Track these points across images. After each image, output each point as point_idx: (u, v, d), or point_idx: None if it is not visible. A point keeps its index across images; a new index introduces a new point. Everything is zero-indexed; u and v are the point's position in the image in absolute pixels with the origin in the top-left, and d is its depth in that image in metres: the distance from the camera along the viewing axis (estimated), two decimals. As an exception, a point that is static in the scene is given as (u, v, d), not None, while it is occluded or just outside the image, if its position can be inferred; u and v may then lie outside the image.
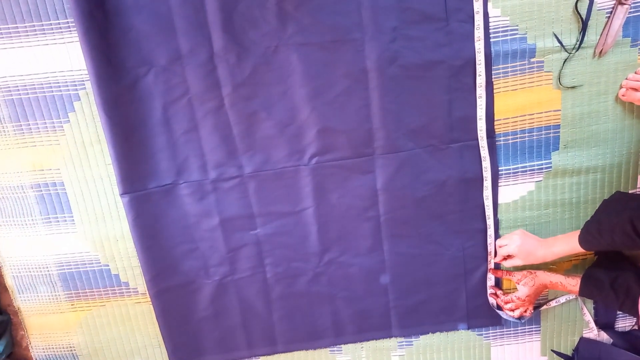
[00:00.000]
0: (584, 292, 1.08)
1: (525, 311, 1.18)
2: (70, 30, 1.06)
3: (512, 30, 1.05)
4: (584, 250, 1.01)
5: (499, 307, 1.22)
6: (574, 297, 1.22)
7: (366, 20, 1.04)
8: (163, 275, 1.21)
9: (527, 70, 1.08)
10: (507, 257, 1.15)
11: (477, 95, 1.08)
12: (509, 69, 1.08)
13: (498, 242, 1.18)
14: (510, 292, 1.20)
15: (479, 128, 1.10)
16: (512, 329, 1.28)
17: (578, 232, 1.02)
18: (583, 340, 1.27)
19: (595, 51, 1.06)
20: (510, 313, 1.18)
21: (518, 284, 1.15)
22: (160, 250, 1.19)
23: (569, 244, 1.03)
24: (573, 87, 1.09)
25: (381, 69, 1.07)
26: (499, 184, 1.15)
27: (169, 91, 1.08)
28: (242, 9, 1.03)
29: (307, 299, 1.25)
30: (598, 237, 0.96)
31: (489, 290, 1.22)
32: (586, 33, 1.05)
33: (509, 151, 1.13)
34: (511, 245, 1.12)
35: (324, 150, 1.12)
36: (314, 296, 1.24)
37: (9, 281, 1.27)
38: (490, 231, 1.17)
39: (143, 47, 1.06)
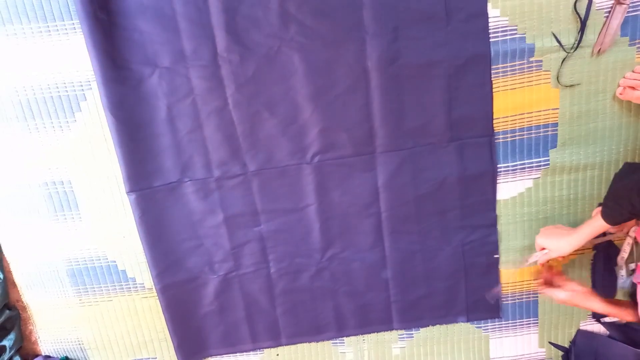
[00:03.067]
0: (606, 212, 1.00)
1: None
2: (76, 32, 1.07)
3: (511, 30, 1.06)
4: (610, 226, 0.96)
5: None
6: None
7: (367, 20, 1.05)
8: (169, 271, 1.24)
9: (526, 70, 1.09)
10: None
11: None
12: (508, 68, 1.09)
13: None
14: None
15: None
16: (510, 321, 1.31)
17: (599, 212, 0.97)
18: (580, 333, 1.30)
19: (593, 50, 1.08)
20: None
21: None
22: (166, 246, 1.22)
23: (596, 225, 0.98)
24: (571, 86, 1.10)
25: (382, 69, 1.08)
26: (498, 181, 1.17)
27: (174, 91, 1.10)
28: (244, 10, 1.05)
29: (310, 293, 1.27)
30: (618, 207, 0.92)
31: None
32: (585, 32, 1.06)
33: (507, 149, 1.15)
34: (538, 237, 1.08)
35: (326, 149, 1.14)
36: (316, 291, 1.27)
37: (18, 277, 1.30)
38: None
39: (147, 48, 1.07)
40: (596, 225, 0.98)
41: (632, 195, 0.89)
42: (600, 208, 0.98)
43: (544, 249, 1.10)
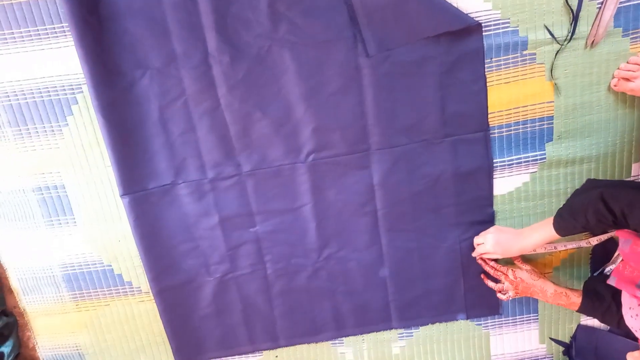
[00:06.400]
0: (585, 304, 1.08)
1: (505, 293, 1.18)
2: (65, 35, 1.07)
3: (503, 23, 1.06)
4: (560, 237, 1.00)
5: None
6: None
7: (358, 17, 1.04)
8: (165, 274, 1.23)
9: (519, 63, 1.08)
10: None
11: None
12: (502, 62, 1.08)
13: (475, 239, 1.19)
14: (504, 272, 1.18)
15: None
16: (510, 318, 1.30)
17: (552, 220, 1.00)
18: (580, 328, 1.29)
19: (587, 42, 1.07)
20: (501, 296, 1.19)
21: (522, 265, 1.16)
22: (162, 249, 1.21)
23: (545, 233, 1.02)
24: (566, 79, 1.09)
25: (374, 66, 1.07)
26: (494, 176, 1.16)
27: (165, 93, 1.10)
28: (234, 11, 1.04)
29: (308, 294, 1.26)
30: (572, 221, 0.95)
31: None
32: (577, 24, 1.05)
33: (503, 143, 1.14)
34: (486, 244, 1.13)
35: (320, 148, 1.14)
36: (314, 291, 1.26)
37: (14, 283, 1.29)
38: None
39: (138, 50, 1.07)
40: (546, 233, 1.01)
41: (587, 211, 0.91)
42: (552, 219, 1.00)
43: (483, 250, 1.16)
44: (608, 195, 0.89)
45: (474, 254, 1.20)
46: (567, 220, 0.97)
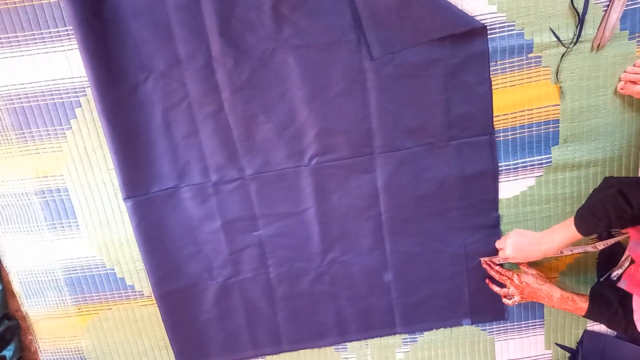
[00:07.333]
0: (592, 309, 1.07)
1: (510, 297, 1.17)
2: (69, 38, 1.07)
3: (508, 26, 1.05)
4: (582, 237, 0.98)
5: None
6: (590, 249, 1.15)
7: (362, 20, 1.04)
8: (168, 277, 1.22)
9: (525, 66, 1.08)
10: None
11: None
12: (507, 65, 1.08)
13: (497, 244, 1.17)
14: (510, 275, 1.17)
15: None
16: (515, 323, 1.28)
17: (572, 221, 0.98)
18: (587, 333, 1.28)
19: (593, 45, 1.06)
20: (507, 301, 1.18)
21: (527, 269, 1.15)
22: (164, 253, 1.20)
23: (566, 234, 1.00)
24: (571, 82, 1.08)
25: (378, 69, 1.07)
26: (499, 180, 1.16)
27: (169, 96, 1.09)
28: (238, 13, 1.04)
29: (311, 298, 1.25)
30: (594, 220, 0.93)
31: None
32: (583, 27, 1.05)
33: (508, 147, 1.13)
34: (506, 249, 1.11)
35: (323, 151, 1.13)
36: (317, 295, 1.25)
37: (17, 287, 1.29)
38: None
39: (142, 53, 1.07)
40: (568, 235, 0.99)
41: (608, 209, 0.91)
42: (573, 219, 0.98)
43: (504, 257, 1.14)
44: (627, 190, 0.88)
45: (498, 259, 1.18)
46: (589, 220, 0.95)
